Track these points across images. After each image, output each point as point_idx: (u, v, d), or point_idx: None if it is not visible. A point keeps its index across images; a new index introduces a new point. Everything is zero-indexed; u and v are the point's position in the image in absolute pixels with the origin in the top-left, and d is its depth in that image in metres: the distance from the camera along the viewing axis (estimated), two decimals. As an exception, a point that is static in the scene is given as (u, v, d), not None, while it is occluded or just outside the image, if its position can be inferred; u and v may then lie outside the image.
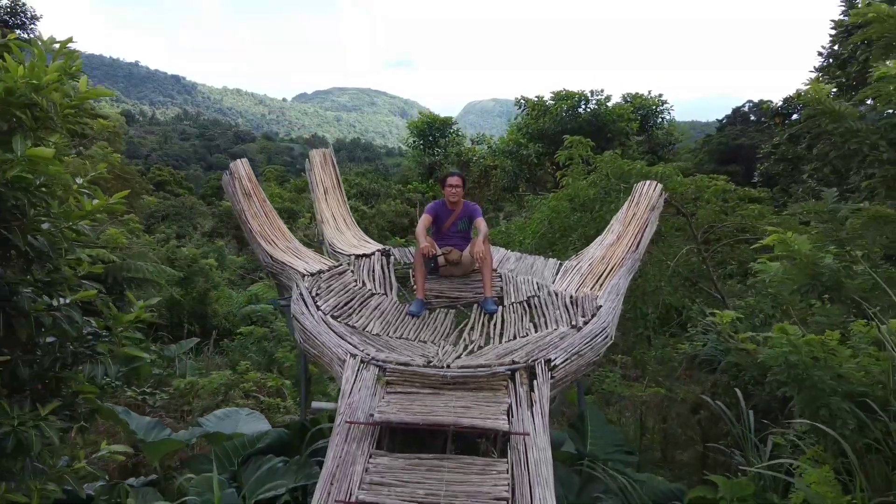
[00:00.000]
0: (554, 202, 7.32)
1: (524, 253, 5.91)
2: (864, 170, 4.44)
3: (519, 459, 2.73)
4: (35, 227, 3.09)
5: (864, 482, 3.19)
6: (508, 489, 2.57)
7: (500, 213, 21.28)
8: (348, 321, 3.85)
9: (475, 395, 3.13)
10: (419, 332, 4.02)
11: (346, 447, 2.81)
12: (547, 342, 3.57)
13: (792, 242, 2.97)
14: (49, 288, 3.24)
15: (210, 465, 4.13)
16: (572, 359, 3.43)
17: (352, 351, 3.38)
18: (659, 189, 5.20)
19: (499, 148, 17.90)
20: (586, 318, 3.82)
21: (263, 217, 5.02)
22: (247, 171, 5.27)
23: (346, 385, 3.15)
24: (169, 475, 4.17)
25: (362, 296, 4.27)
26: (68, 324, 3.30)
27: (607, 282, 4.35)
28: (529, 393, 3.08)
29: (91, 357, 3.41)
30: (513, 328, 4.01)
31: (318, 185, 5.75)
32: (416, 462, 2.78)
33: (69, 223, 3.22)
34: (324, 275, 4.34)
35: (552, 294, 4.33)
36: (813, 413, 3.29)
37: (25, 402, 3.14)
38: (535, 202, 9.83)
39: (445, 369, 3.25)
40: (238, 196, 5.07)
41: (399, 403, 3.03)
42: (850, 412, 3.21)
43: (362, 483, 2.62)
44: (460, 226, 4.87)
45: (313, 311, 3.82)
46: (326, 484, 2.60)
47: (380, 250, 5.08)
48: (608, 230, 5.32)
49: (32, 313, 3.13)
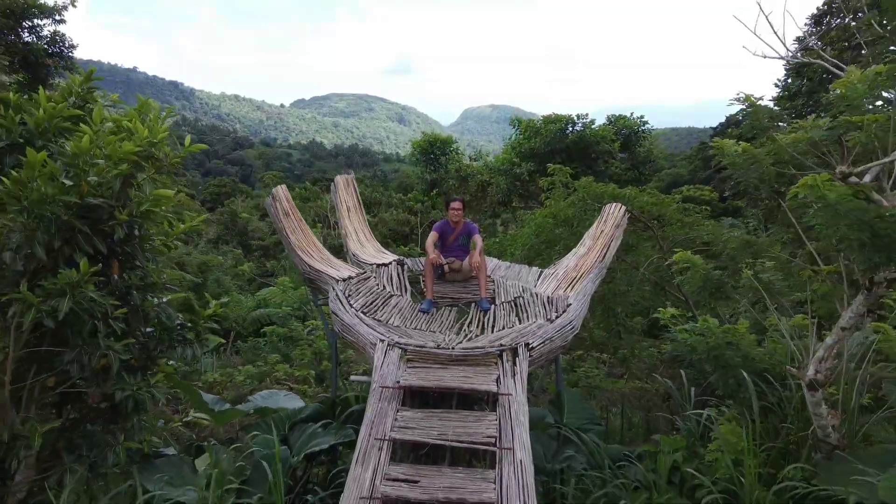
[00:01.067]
0: (540, 219, 8.35)
1: (513, 262, 6.91)
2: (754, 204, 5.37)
3: (505, 412, 3.71)
4: (148, 245, 4.09)
5: (761, 432, 4.18)
6: (497, 430, 3.56)
7: (497, 220, 22.31)
8: (375, 316, 4.83)
9: (473, 368, 4.11)
10: (430, 325, 5.01)
11: (379, 404, 3.78)
12: (527, 331, 4.55)
13: (691, 259, 3.99)
14: (151, 290, 4.23)
15: (263, 430, 5.10)
16: (545, 343, 4.42)
17: (380, 338, 4.36)
18: (622, 210, 6.21)
19: (494, 167, 19.05)
20: (558, 314, 4.80)
21: (300, 232, 6.01)
22: (285, 195, 6.27)
23: (378, 362, 4.13)
24: (232, 439, 5.13)
25: (384, 297, 5.26)
26: (166, 318, 4.30)
27: (577, 286, 5.34)
28: (513, 366, 4.06)
29: (181, 342, 4.39)
30: (502, 321, 4.99)
31: (342, 205, 6.75)
32: (430, 414, 3.77)
33: (169, 241, 4.22)
34: (353, 280, 5.33)
35: (533, 295, 5.32)
36: (725, 384, 4.27)
37: (137, 374, 4.12)
38: (525, 216, 10.85)
39: (451, 350, 4.24)
40: (279, 215, 6.06)
41: (417, 374, 4.01)
42: (751, 382, 4.20)
43: (393, 427, 3.59)
44: (461, 241, 5.86)
45: (348, 309, 4.80)
46: (368, 427, 3.58)
47: (396, 260, 6.08)
48: (581, 243, 6.31)
49: (141, 310, 4.13)
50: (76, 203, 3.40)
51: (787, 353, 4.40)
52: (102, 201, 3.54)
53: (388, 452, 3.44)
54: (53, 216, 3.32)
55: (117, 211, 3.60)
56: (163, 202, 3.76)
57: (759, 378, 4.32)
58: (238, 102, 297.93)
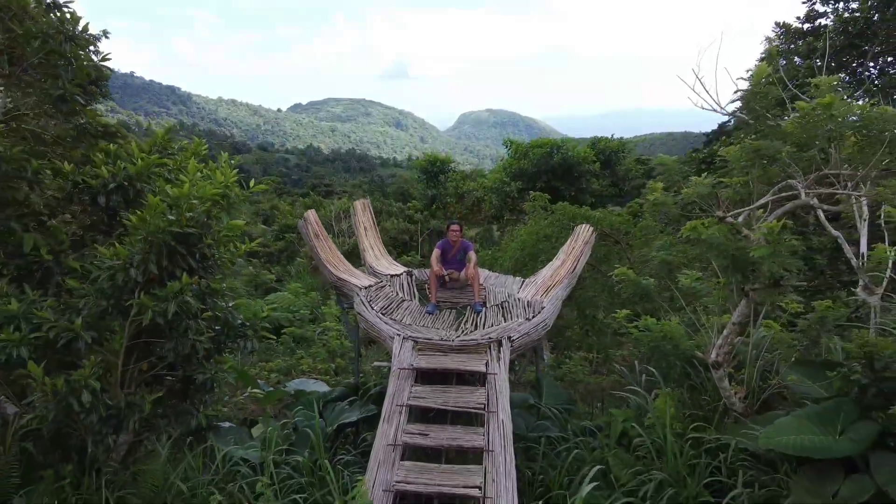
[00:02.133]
0: (524, 235, 9.50)
1: (501, 272, 8.05)
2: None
3: (491, 387, 4.82)
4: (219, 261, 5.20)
5: (689, 404, 5.30)
6: (485, 399, 4.67)
7: (494, 226, 23.39)
8: (391, 316, 5.94)
9: (468, 355, 5.22)
10: (434, 323, 6.11)
11: (398, 381, 4.89)
12: (510, 328, 5.67)
13: (626, 273, 5.16)
14: (220, 296, 5.33)
15: (300, 408, 6.19)
16: (523, 337, 5.54)
17: (397, 333, 5.47)
18: (590, 230, 7.36)
19: (487, 186, 20.37)
20: (535, 314, 5.93)
21: (328, 250, 7.13)
22: (314, 219, 7.39)
23: (396, 350, 5.24)
24: (276, 415, 6.22)
25: (398, 301, 6.37)
26: (231, 318, 5.40)
27: (551, 292, 6.48)
28: (498, 354, 5.18)
29: (242, 337, 5.49)
30: (491, 320, 6.10)
31: (360, 225, 7.89)
32: (435, 388, 4.88)
33: (234, 258, 5.34)
34: (372, 288, 6.44)
35: (516, 300, 6.45)
36: (659, 367, 5.39)
37: (211, 361, 5.22)
38: (513, 231, 12.03)
39: (451, 342, 5.35)
40: (310, 235, 7.18)
41: (425, 359, 5.12)
42: (680, 367, 5.32)
43: (409, 397, 4.70)
44: (459, 256, 6.98)
45: (371, 311, 5.91)
46: (391, 398, 4.69)
47: (405, 272, 7.20)
48: (557, 257, 7.46)
49: (214, 311, 5.23)
50: (178, 232, 4.51)
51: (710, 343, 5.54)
52: (194, 230, 4.65)
53: (406, 415, 4.56)
54: (164, 242, 4.43)
55: (204, 237, 4.72)
56: (234, 230, 4.89)
57: (687, 364, 5.46)
58: (235, 107, 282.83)
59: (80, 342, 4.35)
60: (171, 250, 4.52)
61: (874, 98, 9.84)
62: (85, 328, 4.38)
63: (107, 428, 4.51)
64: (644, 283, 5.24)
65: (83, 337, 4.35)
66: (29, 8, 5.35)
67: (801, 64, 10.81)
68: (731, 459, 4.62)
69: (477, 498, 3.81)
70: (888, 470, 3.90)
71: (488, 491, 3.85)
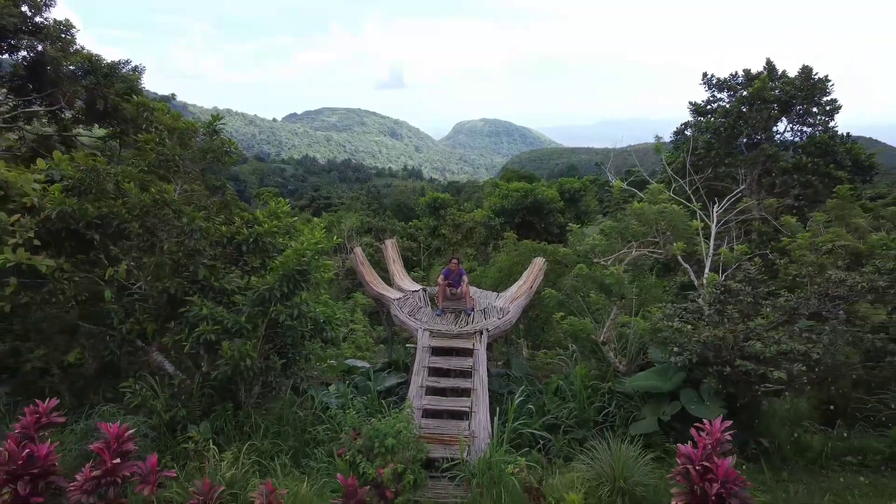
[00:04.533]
0: (502, 261, 12.37)
1: (485, 289, 10.89)
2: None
3: (476, 357, 7.58)
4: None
5: (594, 367, 8.11)
6: (472, 364, 7.47)
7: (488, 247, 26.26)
8: (415, 317, 8.71)
9: (463, 339, 7.99)
10: (441, 320, 8.90)
11: (421, 354, 7.64)
12: (488, 323, 8.44)
13: (550, 292, 8.07)
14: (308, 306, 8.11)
15: (357, 375, 8.96)
16: (496, 329, 8.30)
17: (420, 326, 8.23)
18: (543, 261, 10.19)
19: (477, 220, 23.56)
20: (504, 316, 8.72)
21: (371, 273, 9.93)
22: (361, 254, 10.21)
23: (420, 336, 8.00)
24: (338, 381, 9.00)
25: (418, 307, 9.14)
26: (317, 318, 8.18)
27: (515, 302, 9.27)
28: (480, 338, 7.96)
29: (323, 330, 8.26)
30: (476, 319, 8.86)
31: (390, 258, 10.72)
32: (443, 357, 7.67)
33: (323, 282, 8.14)
34: (401, 299, 9.24)
35: (493, 307, 9.23)
36: (580, 347, 8.20)
37: (302, 347, 7.99)
38: (495, 256, 14.96)
39: (452, 332, 8.16)
40: (359, 264, 9.97)
41: (437, 341, 7.87)
42: (590, 346, 8.12)
43: (428, 363, 7.49)
44: (456, 278, 9.77)
45: (402, 313, 8.69)
46: (418, 363, 7.44)
47: (421, 289, 10.01)
48: (521, 277, 10.30)
49: (311, 314, 8.00)
50: (296, 269, 7.30)
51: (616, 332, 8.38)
52: (306, 267, 7.45)
53: (426, 372, 7.34)
54: (291, 274, 7.23)
55: (310, 271, 7.52)
56: (326, 268, 7.69)
57: (595, 344, 8.29)
58: (231, 116, 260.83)
59: (244, 330, 7.13)
60: (293, 279, 7.31)
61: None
62: (246, 322, 7.16)
63: (254, 380, 7.26)
64: (562, 298, 8.10)
65: (246, 327, 7.12)
66: (198, 132, 8.23)
67: (700, 135, 13.78)
68: (613, 397, 7.45)
69: (466, 411, 6.58)
70: (686, 397, 6.72)
71: (473, 408, 6.63)
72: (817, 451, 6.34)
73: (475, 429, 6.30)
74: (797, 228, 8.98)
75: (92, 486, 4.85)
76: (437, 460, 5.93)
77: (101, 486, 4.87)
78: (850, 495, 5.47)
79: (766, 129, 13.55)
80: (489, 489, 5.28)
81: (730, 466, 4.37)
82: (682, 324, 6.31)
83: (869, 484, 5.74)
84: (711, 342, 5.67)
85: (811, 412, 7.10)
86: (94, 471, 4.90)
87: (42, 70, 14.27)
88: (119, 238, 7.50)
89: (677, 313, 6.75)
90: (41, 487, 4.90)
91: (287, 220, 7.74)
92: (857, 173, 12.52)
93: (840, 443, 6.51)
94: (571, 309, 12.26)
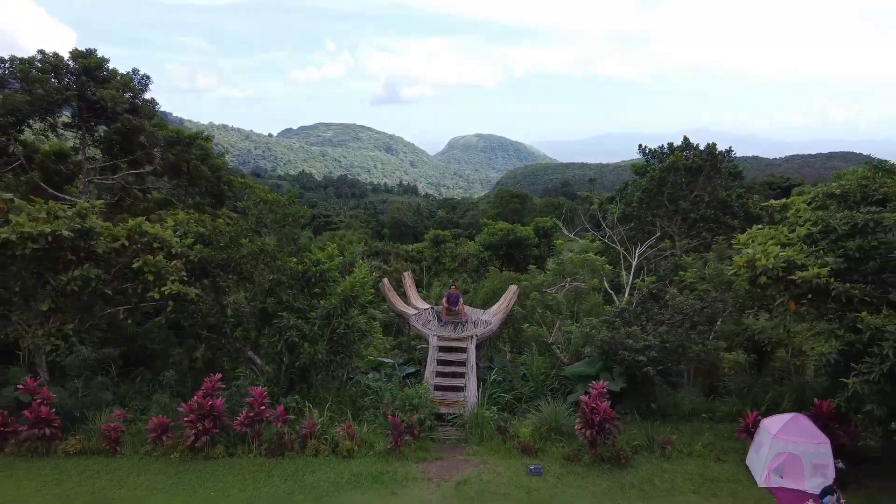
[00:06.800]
0: (488, 286, 15.32)
1: (476, 307, 13.88)
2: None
3: (468, 354, 10.49)
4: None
5: (547, 361, 11.05)
6: (466, 358, 10.43)
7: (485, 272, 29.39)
8: (427, 327, 11.60)
9: (459, 342, 10.90)
10: (445, 330, 11.82)
11: (431, 352, 10.52)
12: (476, 332, 11.23)
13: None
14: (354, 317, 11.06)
15: (387, 367, 11.85)
16: (483, 335, 11.20)
17: (431, 333, 11.08)
18: (516, 287, 13.18)
19: (471, 253, 26.92)
20: (488, 326, 11.68)
21: (395, 296, 12.88)
22: (387, 282, 13.18)
23: (430, 340, 10.94)
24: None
25: (429, 320, 12.05)
26: (360, 325, 11.12)
27: (497, 316, 12.18)
28: (471, 342, 10.88)
29: (364, 336, 11.19)
30: (469, 328, 11.79)
31: (408, 285, 13.70)
32: (446, 353, 10.63)
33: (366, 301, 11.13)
34: (417, 314, 12.20)
35: (480, 320, 12.16)
36: (538, 347, 11.15)
37: (354, 346, 10.92)
38: (482, 282, 18.03)
39: (453, 336, 11.12)
40: (386, 289, 12.90)
41: (442, 343, 10.82)
42: (545, 346, 11.06)
43: (436, 356, 10.42)
44: (455, 301, 12.76)
45: (418, 323, 11.64)
46: (429, 357, 10.42)
47: (431, 307, 12.99)
48: (501, 298, 13.29)
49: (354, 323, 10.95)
50: (350, 294, 10.25)
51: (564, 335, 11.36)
52: (357, 294, 10.41)
53: (436, 364, 10.30)
54: (346, 298, 10.18)
55: (358, 296, 10.50)
56: (368, 293, 10.67)
57: (547, 345, 11.25)
58: (227, 132, 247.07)
59: (316, 335, 10.06)
60: (348, 301, 10.28)
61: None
62: (318, 330, 10.09)
63: (322, 369, 10.16)
64: (525, 313, 11.11)
65: (318, 333, 10.05)
66: (271, 202, 11.29)
67: (634, 192, 17.08)
68: (558, 379, 10.38)
69: (462, 386, 9.49)
70: (604, 377, 9.54)
71: (466, 384, 9.57)
72: (685, 411, 9.27)
73: (468, 396, 9.24)
74: (692, 265, 12.08)
75: (249, 421, 7.81)
76: (444, 415, 8.83)
77: (253, 423, 7.83)
78: (696, 431, 8.44)
79: (687, 188, 16.78)
80: (476, 430, 8.22)
81: (605, 407, 7.38)
82: (594, 330, 9.30)
83: (710, 428, 8.70)
84: (606, 340, 8.66)
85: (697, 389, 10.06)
86: (249, 413, 7.85)
87: (133, 136, 17.57)
88: (232, 273, 10.49)
89: (592, 324, 9.75)
90: (217, 423, 7.86)
91: (338, 259, 10.76)
92: (747, 221, 15.68)
93: (702, 405, 9.46)
94: (531, 322, 15.32)
